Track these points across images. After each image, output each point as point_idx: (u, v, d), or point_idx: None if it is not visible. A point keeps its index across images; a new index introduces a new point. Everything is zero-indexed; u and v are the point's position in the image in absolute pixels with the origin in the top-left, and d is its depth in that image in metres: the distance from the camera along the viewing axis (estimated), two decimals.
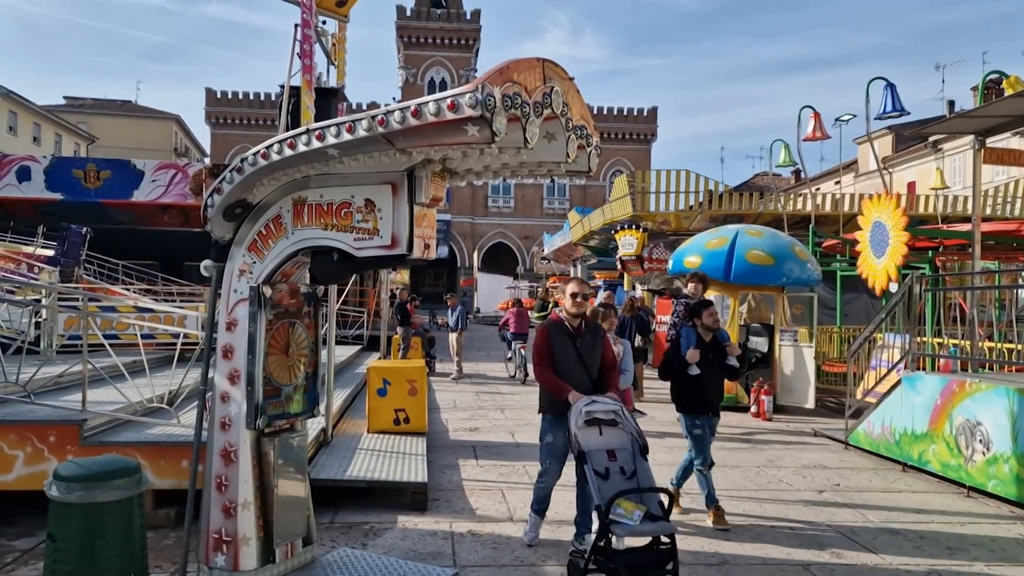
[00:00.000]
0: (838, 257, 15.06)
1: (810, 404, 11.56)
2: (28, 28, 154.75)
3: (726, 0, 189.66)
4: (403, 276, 28.72)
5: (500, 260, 56.40)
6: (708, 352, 6.03)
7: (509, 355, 15.98)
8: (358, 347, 17.86)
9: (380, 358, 15.80)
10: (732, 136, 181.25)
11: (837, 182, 41.10)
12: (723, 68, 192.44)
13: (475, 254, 54.42)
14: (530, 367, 13.28)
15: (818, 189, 32.44)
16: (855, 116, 18.07)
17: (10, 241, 17.91)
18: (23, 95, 42.43)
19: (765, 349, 12.17)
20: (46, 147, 44.06)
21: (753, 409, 11.40)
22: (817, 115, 14.98)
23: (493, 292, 44.47)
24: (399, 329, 16.28)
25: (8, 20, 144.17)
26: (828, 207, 19.61)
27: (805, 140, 15.06)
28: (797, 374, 11.73)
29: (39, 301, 9.51)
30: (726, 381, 6.55)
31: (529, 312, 17.29)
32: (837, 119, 17.75)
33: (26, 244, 17.78)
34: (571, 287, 5.33)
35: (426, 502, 6.35)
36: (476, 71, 58.13)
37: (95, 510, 3.59)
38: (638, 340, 12.65)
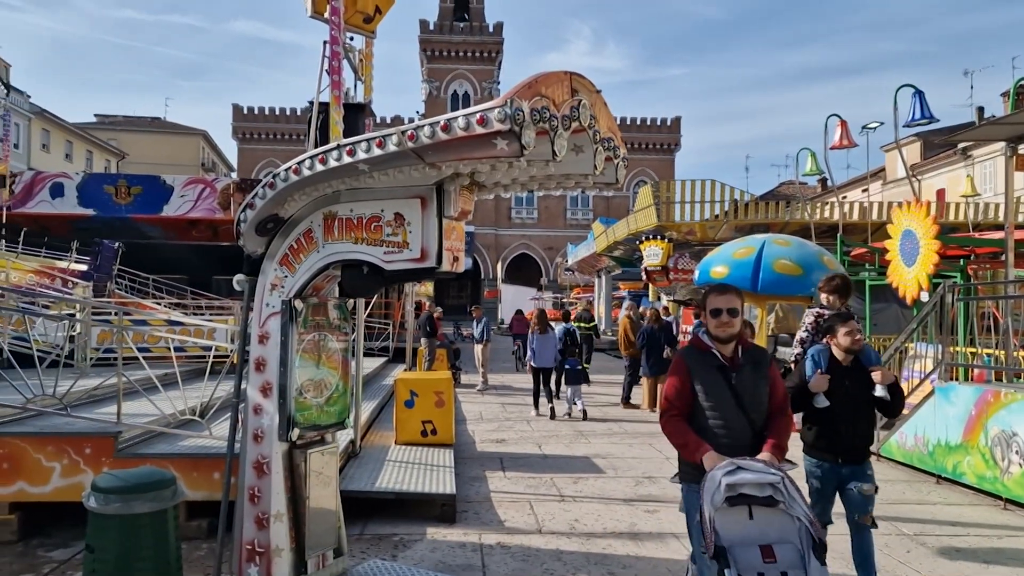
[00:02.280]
0: (867, 266, 14.88)
1: None
2: (61, 48, 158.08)
3: (748, 9, 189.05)
4: (427, 288, 28.83)
5: (524, 271, 56.44)
6: (845, 379, 4.56)
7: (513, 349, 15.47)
8: (384, 359, 17.96)
9: (406, 370, 15.87)
10: (756, 145, 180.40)
11: (864, 190, 40.67)
12: (746, 77, 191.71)
13: (499, 265, 54.54)
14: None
15: (845, 197, 32.13)
16: (882, 124, 17.85)
17: (44, 256, 18.24)
18: (56, 113, 43.33)
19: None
20: (78, 164, 44.91)
21: None
22: (844, 123, 14.85)
23: (517, 303, 44.48)
24: (424, 341, 16.35)
25: (42, 41, 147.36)
26: (856, 216, 19.43)
27: (832, 148, 14.93)
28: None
29: (73, 315, 9.67)
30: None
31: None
32: (864, 127, 17.54)
33: (60, 259, 18.09)
34: (712, 300, 3.76)
35: (455, 514, 6.36)
36: (499, 83, 58.43)
37: (132, 521, 3.65)
38: (666, 351, 12.67)
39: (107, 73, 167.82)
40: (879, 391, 4.58)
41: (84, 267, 16.08)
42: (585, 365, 17.61)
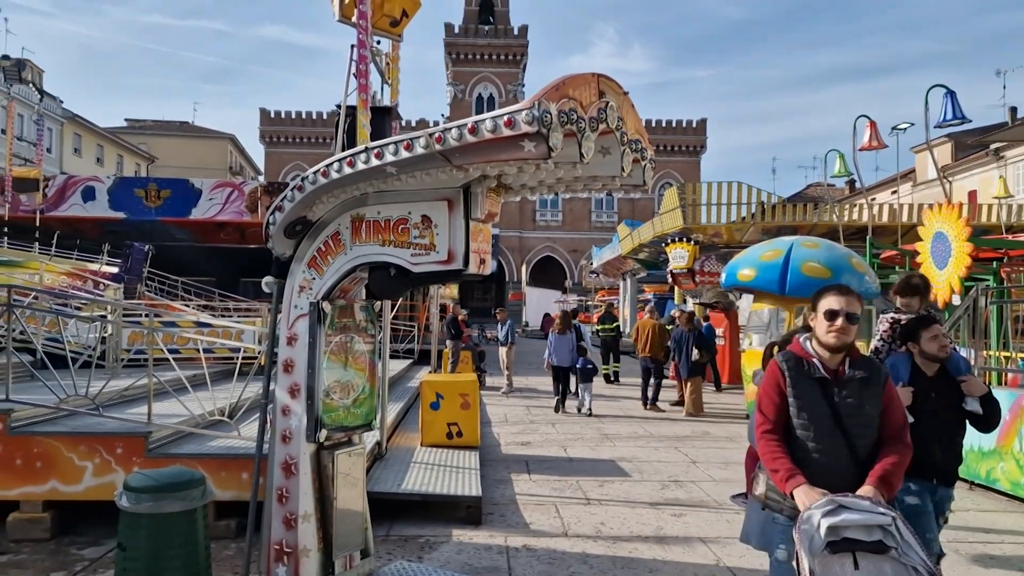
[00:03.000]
0: (897, 269, 14.69)
1: None
2: (91, 53, 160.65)
3: (775, 10, 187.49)
4: (452, 291, 28.91)
5: (548, 274, 56.40)
6: (931, 392, 4.08)
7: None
8: (409, 361, 18.02)
9: (431, 372, 15.92)
10: (783, 147, 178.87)
11: (894, 192, 40.14)
12: (773, 78, 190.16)
13: (523, 268, 54.54)
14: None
15: (874, 199, 31.76)
16: (912, 125, 17.64)
17: (76, 259, 18.53)
18: (87, 118, 44.05)
19: None
20: (108, 167, 45.61)
21: None
22: (873, 124, 14.66)
23: (542, 306, 44.48)
24: (448, 343, 16.38)
25: (73, 46, 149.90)
26: (885, 217, 19.18)
27: (861, 150, 14.75)
28: None
29: (105, 317, 9.81)
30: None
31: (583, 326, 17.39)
32: (894, 128, 17.33)
33: (91, 262, 18.37)
34: (829, 300, 3.20)
35: (480, 516, 6.36)
36: (524, 86, 58.45)
37: (163, 520, 3.70)
38: (695, 354, 12.71)
39: (137, 78, 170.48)
40: (971, 404, 4.06)
41: (115, 269, 16.31)
42: (615, 366, 17.74)
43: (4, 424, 5.84)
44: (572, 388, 13.45)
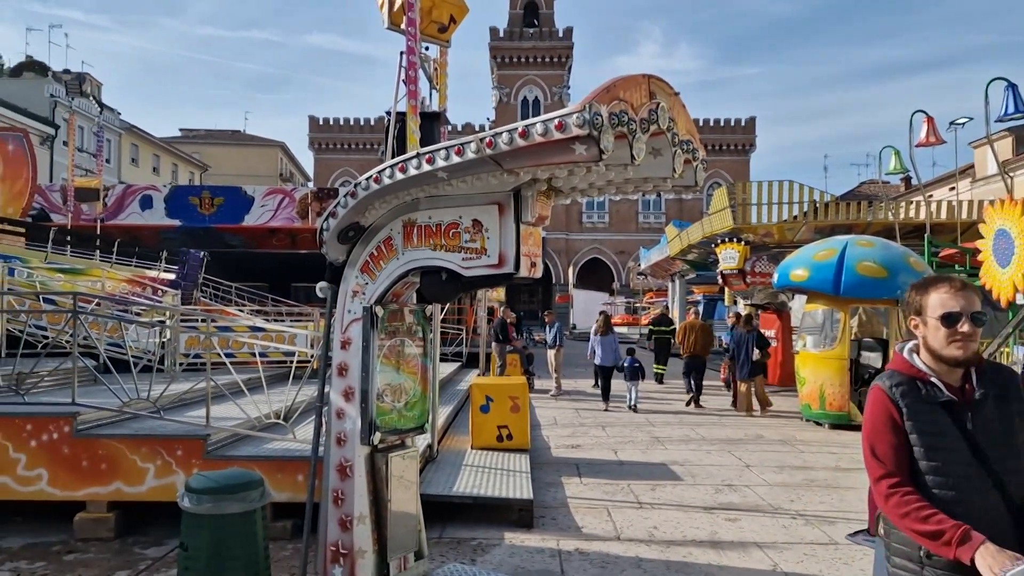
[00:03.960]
0: (957, 268, 14.29)
1: None
2: (147, 66, 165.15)
3: (825, 5, 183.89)
4: (499, 294, 28.97)
5: (595, 276, 56.16)
6: None
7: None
8: (457, 364, 18.11)
9: (479, 375, 15.97)
10: (835, 144, 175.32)
11: (952, 188, 39.03)
12: (824, 75, 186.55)
13: (570, 270, 54.35)
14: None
15: (931, 196, 30.90)
16: (971, 119, 17.13)
17: (135, 266, 19.04)
18: (143, 128, 45.32)
19: (879, 365, 11.68)
20: (164, 176, 46.85)
21: None
22: (930, 119, 14.29)
23: (589, 308, 44.27)
24: (495, 346, 16.42)
25: (130, 59, 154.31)
26: (944, 215, 18.66)
27: (918, 146, 14.38)
28: None
29: (164, 322, 10.06)
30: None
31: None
32: (952, 123, 16.87)
33: (150, 268, 18.86)
34: (943, 298, 2.48)
35: (532, 519, 6.37)
36: (569, 88, 58.36)
37: (223, 521, 3.78)
38: (756, 354, 12.96)
39: (190, 88, 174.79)
40: None
41: (172, 276, 16.72)
42: (663, 368, 17.83)
43: (71, 427, 6.03)
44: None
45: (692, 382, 14.02)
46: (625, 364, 13.68)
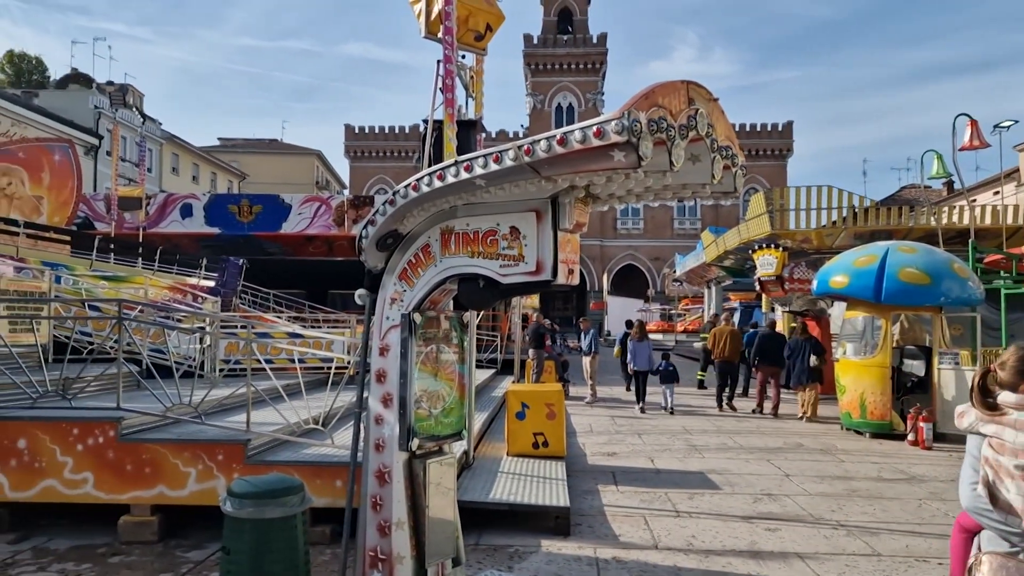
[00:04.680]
0: (1002, 274, 13.97)
1: None
2: (188, 77, 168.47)
3: (864, 7, 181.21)
4: (533, 301, 28.97)
5: (630, 283, 55.87)
6: None
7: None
8: (492, 371, 18.13)
9: (514, 382, 15.97)
10: (874, 148, 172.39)
11: (996, 192, 38.22)
12: (862, 78, 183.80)
13: (604, 277, 54.18)
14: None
15: (975, 201, 30.31)
16: (1016, 122, 16.77)
17: (176, 273, 19.38)
18: (183, 138, 46.22)
19: (922, 373, 11.48)
20: (203, 185, 47.72)
21: (911, 437, 10.72)
22: (974, 123, 14.03)
23: (624, 315, 44.06)
24: (531, 352, 16.41)
25: (171, 70, 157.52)
26: (988, 219, 18.25)
27: (962, 150, 14.12)
28: (960, 399, 10.92)
29: (204, 329, 10.23)
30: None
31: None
32: (996, 126, 16.51)
33: (190, 276, 19.18)
34: None
35: (569, 527, 6.34)
36: (603, 94, 58.26)
37: (264, 525, 3.83)
38: (813, 360, 13.15)
39: (229, 98, 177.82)
40: None
41: (212, 283, 16.99)
42: (701, 375, 18.03)
43: (116, 431, 6.15)
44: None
45: (722, 387, 14.69)
46: (660, 368, 14.20)
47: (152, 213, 26.03)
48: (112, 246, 20.81)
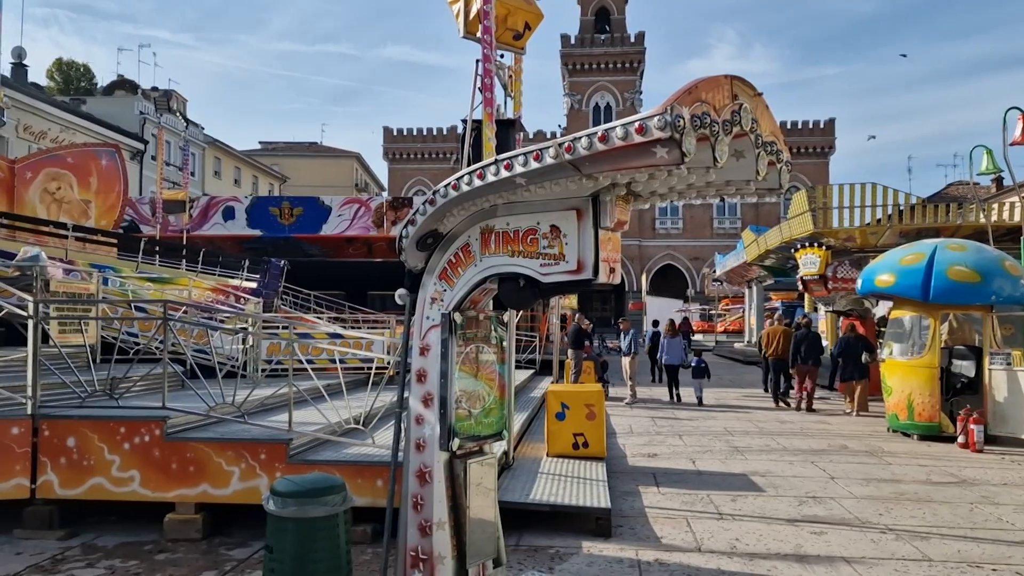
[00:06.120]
0: None
1: None
2: (229, 82, 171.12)
3: (908, 2, 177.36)
4: (572, 301, 28.87)
5: (669, 283, 55.38)
6: None
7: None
8: (531, 371, 18.09)
9: (553, 382, 15.92)
10: (919, 145, 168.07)
11: None
12: (907, 73, 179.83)
13: (643, 277, 53.77)
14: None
15: None
16: None
17: (219, 275, 19.68)
18: (225, 142, 46.98)
19: (971, 373, 11.17)
20: (245, 188, 48.44)
21: (961, 439, 10.44)
22: None
23: (663, 316, 43.69)
24: (571, 353, 16.35)
25: (213, 75, 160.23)
26: None
27: (1012, 144, 13.71)
28: (1012, 401, 10.62)
29: (247, 329, 10.37)
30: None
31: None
32: None
33: (232, 277, 19.46)
34: None
35: (610, 528, 6.29)
36: (641, 93, 57.86)
37: (307, 524, 3.84)
38: (865, 357, 13.75)
39: (269, 102, 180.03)
40: None
41: (254, 284, 17.22)
42: None
43: (161, 430, 6.25)
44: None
45: (777, 382, 15.34)
46: (692, 364, 15.82)
47: (195, 216, 26.50)
48: (157, 248, 21.17)
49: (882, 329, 15.78)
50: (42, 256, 9.66)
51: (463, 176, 3.87)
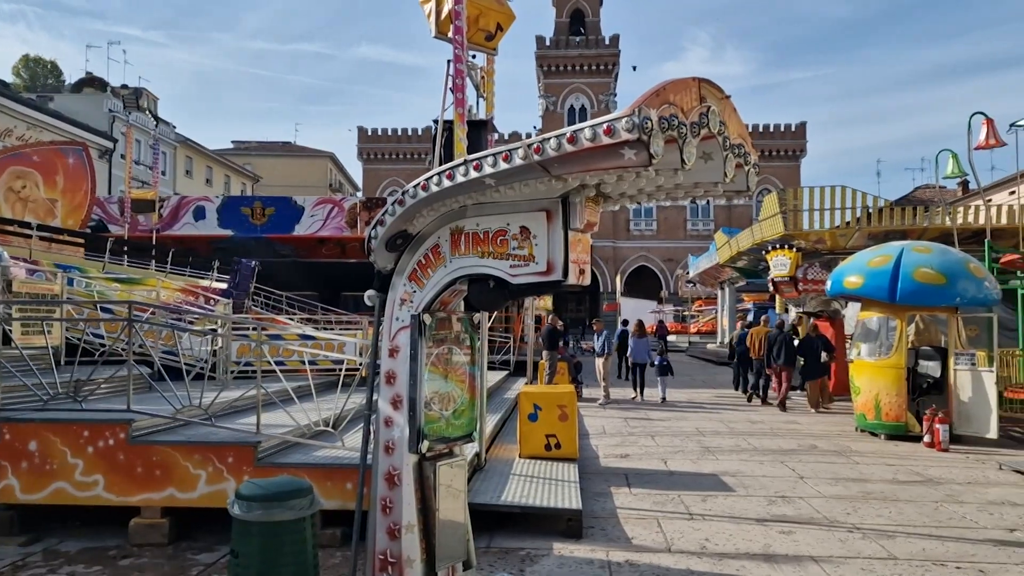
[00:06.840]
0: (1019, 274, 13.80)
1: (992, 434, 10.59)
2: (201, 80, 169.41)
3: (880, 6, 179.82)
4: (546, 302, 28.91)
5: (643, 284, 55.69)
6: None
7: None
8: (505, 372, 18.08)
9: (527, 383, 15.92)
10: (888, 148, 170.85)
11: (1012, 192, 37.81)
12: (877, 77, 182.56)
13: (618, 278, 54.01)
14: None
15: (990, 200, 29.97)
16: None
17: (189, 275, 19.44)
18: (197, 141, 46.42)
19: (937, 374, 11.33)
20: (217, 188, 47.90)
21: (927, 439, 10.59)
22: (990, 121, 13.87)
23: (636, 317, 43.89)
24: (545, 354, 16.36)
25: (184, 74, 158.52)
26: (1005, 219, 18.07)
27: (977, 149, 13.97)
28: (976, 401, 10.80)
29: (216, 331, 10.24)
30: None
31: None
32: (1012, 124, 16.30)
33: (202, 278, 19.23)
34: None
35: (581, 529, 6.29)
36: (616, 95, 58.15)
37: (273, 528, 3.79)
38: (824, 356, 14.57)
39: (242, 101, 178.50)
40: None
41: (224, 285, 17.02)
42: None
43: (126, 433, 6.15)
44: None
45: (757, 381, 16.20)
46: (656, 362, 16.74)
47: (165, 216, 26.16)
48: (125, 248, 20.89)
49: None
50: (4, 256, 9.48)
51: (432, 176, 3.85)
